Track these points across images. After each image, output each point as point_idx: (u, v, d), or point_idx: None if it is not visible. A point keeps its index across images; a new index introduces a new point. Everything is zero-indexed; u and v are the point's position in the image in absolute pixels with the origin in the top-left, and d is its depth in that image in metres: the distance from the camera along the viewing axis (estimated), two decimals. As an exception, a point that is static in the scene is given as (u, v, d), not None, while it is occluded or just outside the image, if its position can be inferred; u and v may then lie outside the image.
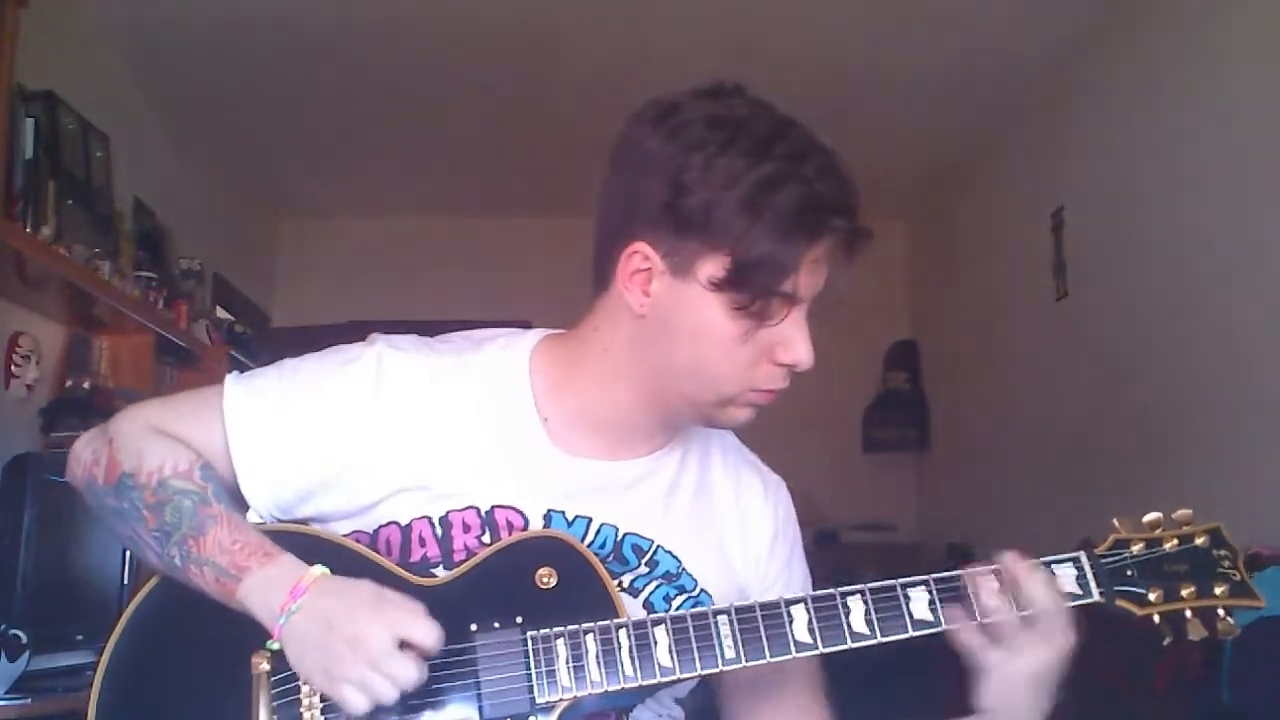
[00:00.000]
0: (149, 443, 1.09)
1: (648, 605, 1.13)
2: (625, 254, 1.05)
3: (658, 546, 1.14)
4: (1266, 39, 2.80)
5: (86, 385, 3.16)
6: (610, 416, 1.13)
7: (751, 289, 1.01)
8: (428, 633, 0.97)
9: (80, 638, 2.59)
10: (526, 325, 1.25)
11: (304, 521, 1.14)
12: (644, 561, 1.14)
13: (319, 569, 1.01)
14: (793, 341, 1.05)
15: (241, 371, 1.18)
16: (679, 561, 1.15)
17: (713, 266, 1.01)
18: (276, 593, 0.99)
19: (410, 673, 0.95)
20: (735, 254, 1.00)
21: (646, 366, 1.09)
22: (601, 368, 1.12)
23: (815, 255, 1.02)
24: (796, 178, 1.00)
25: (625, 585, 1.12)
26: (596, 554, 1.08)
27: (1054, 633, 1.04)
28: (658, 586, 1.14)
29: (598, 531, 1.12)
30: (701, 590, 1.15)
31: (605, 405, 1.13)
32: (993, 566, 1.06)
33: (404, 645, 0.96)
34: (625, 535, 1.13)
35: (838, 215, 1.01)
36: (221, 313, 4.39)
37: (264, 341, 4.59)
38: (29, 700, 2.19)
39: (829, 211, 1.01)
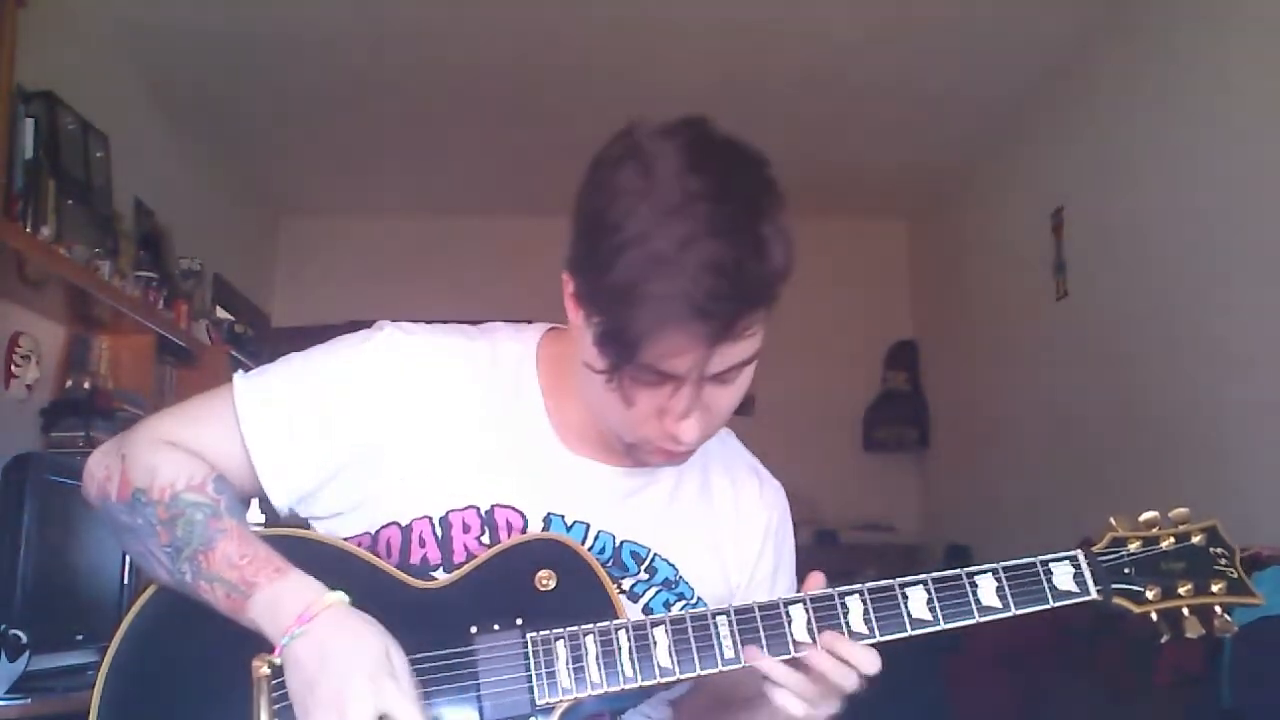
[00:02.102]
0: (161, 458, 1.08)
1: (647, 611, 1.13)
2: (565, 277, 1.04)
3: (655, 554, 1.14)
4: (1266, 39, 2.80)
5: (86, 385, 3.17)
6: (593, 424, 1.12)
7: (608, 359, 0.98)
8: None
9: (80, 638, 2.59)
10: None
11: (306, 522, 1.14)
12: (643, 569, 1.14)
13: (336, 595, 1.00)
14: (675, 413, 1.01)
15: (242, 372, 1.18)
16: (676, 569, 1.15)
17: (591, 325, 0.99)
18: (285, 613, 0.98)
19: None
20: (598, 323, 0.97)
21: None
22: (578, 372, 1.11)
23: (674, 347, 0.95)
24: (674, 267, 0.92)
25: (625, 590, 1.12)
26: (596, 560, 1.08)
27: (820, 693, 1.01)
28: (657, 593, 1.14)
29: (596, 538, 1.12)
30: (699, 599, 1.15)
31: (586, 412, 1.12)
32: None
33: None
34: (623, 543, 1.13)
35: (699, 318, 0.93)
36: (221, 313, 4.39)
37: (264, 341, 4.60)
38: (29, 700, 2.19)
39: (689, 314, 0.93)
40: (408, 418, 1.10)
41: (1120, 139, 3.56)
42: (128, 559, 2.83)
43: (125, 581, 2.80)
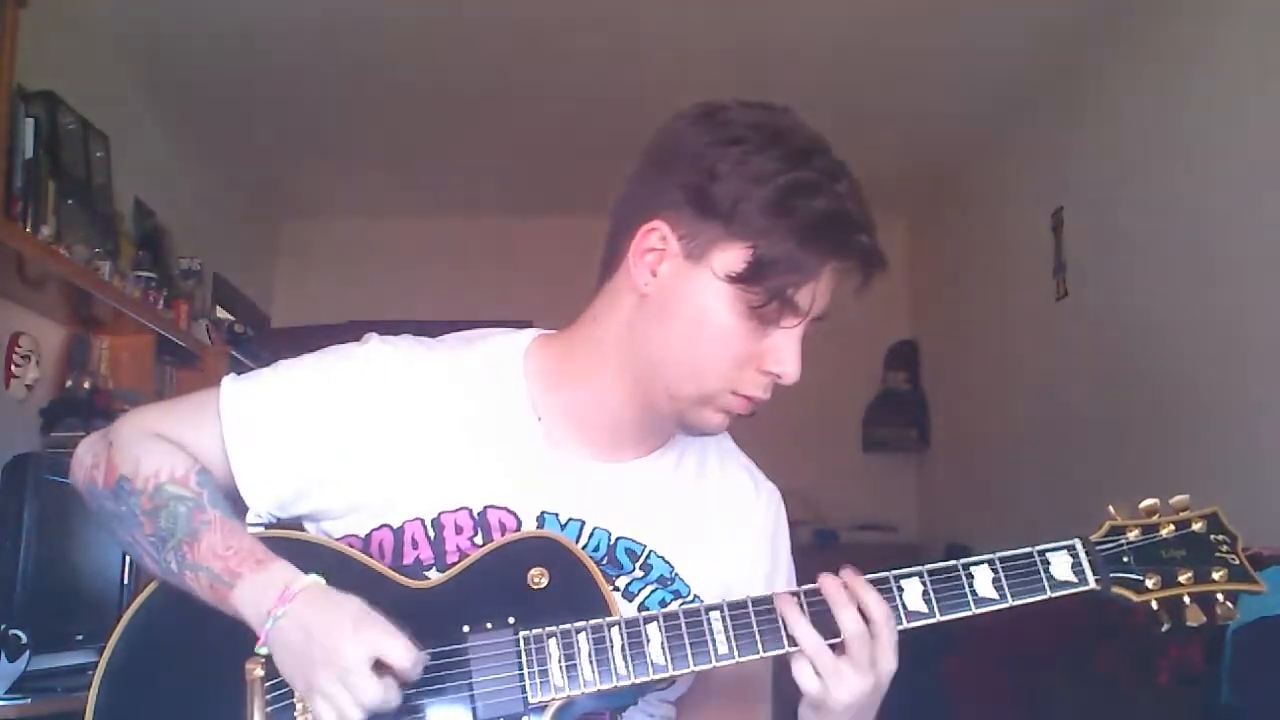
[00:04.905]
0: (147, 448, 1.09)
1: (643, 609, 1.12)
2: (643, 230, 1.06)
3: (650, 551, 1.14)
4: (1267, 38, 2.80)
5: (86, 385, 3.17)
6: (599, 415, 1.13)
7: (766, 287, 1.01)
8: (403, 655, 0.96)
9: (80, 638, 2.59)
10: (527, 326, 1.25)
11: (298, 522, 1.14)
12: (638, 566, 1.13)
13: (312, 577, 1.01)
14: (783, 352, 1.05)
15: (241, 372, 1.19)
16: (672, 567, 1.15)
17: (731, 258, 1.02)
18: (266, 597, 1.00)
19: (376, 694, 0.94)
20: (756, 249, 1.01)
21: (638, 351, 1.09)
22: (593, 360, 1.12)
23: (833, 269, 1.04)
24: (829, 191, 1.02)
25: (620, 588, 1.12)
26: (590, 557, 1.08)
27: (866, 661, 1.00)
28: (653, 591, 1.13)
29: (591, 535, 1.12)
30: (695, 596, 1.15)
31: (594, 402, 1.13)
32: (809, 586, 1.03)
33: (381, 666, 0.95)
34: (618, 539, 1.13)
35: (863, 233, 1.03)
36: (221, 313, 4.39)
37: (264, 341, 4.59)
38: (29, 700, 2.19)
39: (855, 228, 1.03)
40: (395, 424, 1.10)
41: (1120, 139, 3.56)
42: (128, 559, 2.83)
43: (125, 581, 2.80)
